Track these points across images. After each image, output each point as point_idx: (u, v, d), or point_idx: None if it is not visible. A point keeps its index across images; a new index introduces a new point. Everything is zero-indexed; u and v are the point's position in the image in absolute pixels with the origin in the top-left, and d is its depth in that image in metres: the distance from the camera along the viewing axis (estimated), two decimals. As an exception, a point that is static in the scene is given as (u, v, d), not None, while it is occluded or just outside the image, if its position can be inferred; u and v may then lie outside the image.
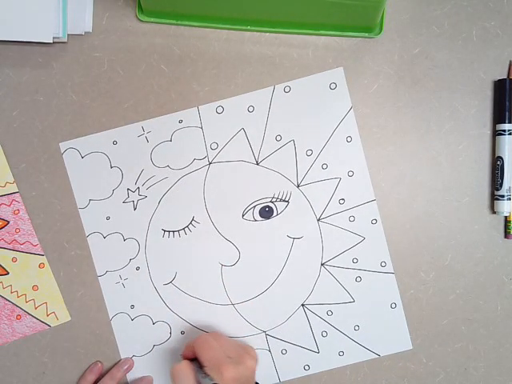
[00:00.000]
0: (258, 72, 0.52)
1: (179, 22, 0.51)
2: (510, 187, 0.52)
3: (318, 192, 0.53)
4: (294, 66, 0.52)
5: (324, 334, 0.54)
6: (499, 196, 0.52)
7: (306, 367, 0.54)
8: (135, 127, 0.52)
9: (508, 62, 0.52)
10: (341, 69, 0.52)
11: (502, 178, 0.52)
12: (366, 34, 0.51)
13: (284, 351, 0.54)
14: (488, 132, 0.53)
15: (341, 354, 0.54)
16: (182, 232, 0.53)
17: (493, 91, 0.52)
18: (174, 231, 0.53)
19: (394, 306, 0.54)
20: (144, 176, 0.53)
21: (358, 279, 0.53)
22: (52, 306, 0.54)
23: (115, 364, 0.54)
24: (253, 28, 0.51)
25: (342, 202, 0.53)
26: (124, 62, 0.52)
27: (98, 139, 0.52)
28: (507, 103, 0.51)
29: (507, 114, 0.51)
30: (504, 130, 0.51)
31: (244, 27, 0.51)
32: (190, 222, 0.53)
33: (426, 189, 0.53)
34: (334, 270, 0.53)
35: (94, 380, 0.53)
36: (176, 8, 0.49)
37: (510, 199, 0.52)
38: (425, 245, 0.53)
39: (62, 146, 0.52)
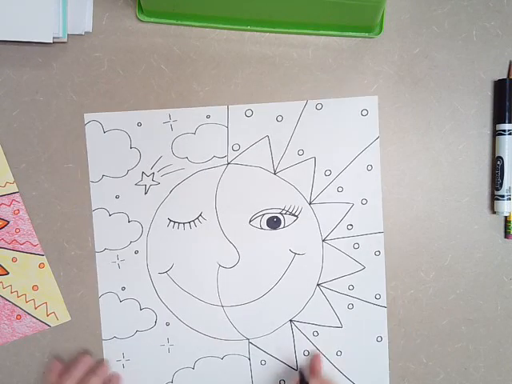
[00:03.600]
0: (258, 72, 0.52)
1: (179, 22, 0.51)
2: (510, 187, 0.52)
3: (329, 213, 0.53)
4: (294, 66, 0.52)
5: (306, 353, 0.54)
6: (499, 196, 0.52)
7: (282, 382, 0.54)
8: (162, 113, 0.52)
9: (508, 62, 0.52)
10: (375, 97, 0.52)
11: (502, 178, 0.52)
12: (366, 34, 0.51)
13: (263, 362, 0.54)
14: (488, 132, 0.53)
15: None
16: (187, 225, 0.53)
17: (493, 91, 0.52)
18: (179, 223, 0.53)
19: (379, 339, 0.54)
20: (161, 163, 0.52)
21: (350, 306, 0.53)
22: (52, 306, 0.54)
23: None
24: (253, 28, 0.51)
25: (350, 227, 0.53)
26: (124, 62, 0.52)
27: (123, 117, 0.52)
28: (507, 103, 0.51)
29: (507, 114, 0.51)
30: (504, 130, 0.51)
31: (244, 27, 0.51)
32: (197, 217, 0.53)
33: (425, 189, 0.53)
34: (329, 293, 0.53)
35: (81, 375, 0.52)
36: (176, 8, 0.49)
37: (510, 199, 0.52)
38: (425, 245, 0.53)
39: (87, 116, 0.52)
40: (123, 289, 0.54)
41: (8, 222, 0.53)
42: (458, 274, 0.54)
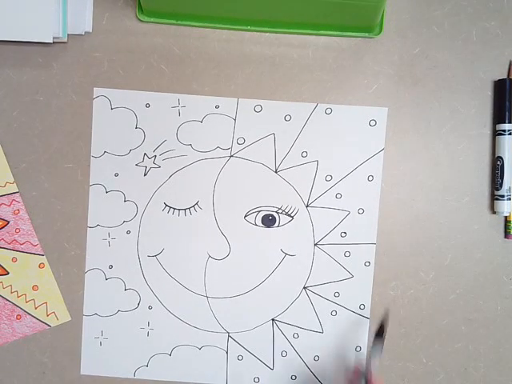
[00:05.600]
0: (258, 72, 0.52)
1: (179, 22, 0.51)
2: (509, 187, 0.52)
3: (324, 218, 0.53)
4: (294, 66, 0.52)
5: (284, 353, 0.54)
6: (499, 196, 0.52)
7: (256, 379, 0.54)
8: (172, 97, 0.52)
9: (508, 62, 0.52)
10: (385, 109, 0.52)
11: (502, 178, 0.52)
12: (366, 34, 0.51)
13: (240, 357, 0.54)
14: (488, 132, 0.53)
15: (293, 377, 0.54)
16: (182, 212, 0.53)
17: (493, 91, 0.52)
18: (175, 209, 0.53)
19: (358, 349, 0.54)
20: (164, 147, 0.53)
21: (334, 313, 0.54)
22: (52, 306, 0.54)
23: None
24: (253, 28, 0.51)
25: (343, 235, 0.53)
26: (124, 62, 0.52)
27: (132, 96, 0.52)
28: (507, 103, 0.51)
29: (507, 113, 0.51)
30: (504, 130, 0.51)
31: (244, 27, 0.51)
32: (193, 206, 0.53)
33: (426, 189, 0.53)
34: (314, 297, 0.53)
35: None
36: (176, 8, 0.49)
37: (509, 199, 0.52)
38: (425, 245, 0.53)
39: (96, 91, 0.52)
40: (110, 267, 0.54)
41: (8, 222, 0.53)
42: (458, 274, 0.54)
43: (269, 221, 0.53)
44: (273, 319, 0.54)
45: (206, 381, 0.54)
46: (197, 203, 0.53)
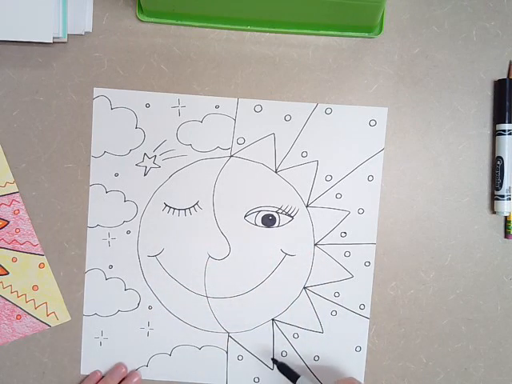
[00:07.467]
0: (258, 72, 0.52)
1: (179, 22, 0.51)
2: (510, 187, 0.52)
3: (324, 218, 0.53)
4: (294, 66, 0.52)
5: (284, 353, 0.54)
6: (499, 196, 0.52)
7: (256, 379, 0.54)
8: (171, 97, 0.52)
9: (508, 62, 0.52)
10: (385, 109, 0.52)
11: (501, 178, 0.52)
12: (366, 34, 0.51)
13: (240, 357, 0.54)
14: (488, 132, 0.53)
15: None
16: (182, 212, 0.53)
17: (493, 91, 0.52)
18: (175, 209, 0.53)
19: (358, 349, 0.54)
20: (164, 147, 0.53)
21: (334, 313, 0.54)
22: (52, 306, 0.54)
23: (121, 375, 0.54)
24: (253, 28, 0.51)
25: (343, 235, 0.53)
26: (124, 62, 0.52)
27: (132, 96, 0.52)
28: (507, 103, 0.51)
29: (507, 114, 0.51)
30: (504, 130, 0.51)
31: (244, 27, 0.51)
32: (193, 206, 0.53)
33: (425, 189, 0.53)
34: (314, 297, 0.53)
35: None
36: (176, 8, 0.49)
37: (509, 199, 0.52)
38: (425, 245, 0.53)
39: (96, 91, 0.52)
40: (110, 267, 0.54)
41: (8, 222, 0.53)
42: (458, 273, 0.54)
43: (269, 221, 0.53)
44: (273, 319, 0.54)
45: (206, 381, 0.54)
46: (197, 203, 0.53)
